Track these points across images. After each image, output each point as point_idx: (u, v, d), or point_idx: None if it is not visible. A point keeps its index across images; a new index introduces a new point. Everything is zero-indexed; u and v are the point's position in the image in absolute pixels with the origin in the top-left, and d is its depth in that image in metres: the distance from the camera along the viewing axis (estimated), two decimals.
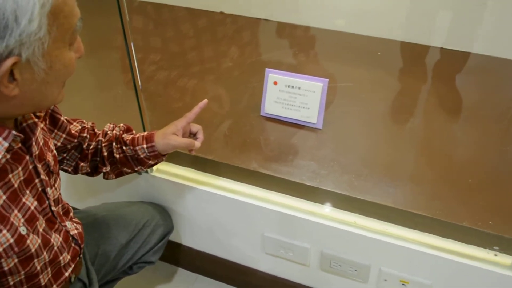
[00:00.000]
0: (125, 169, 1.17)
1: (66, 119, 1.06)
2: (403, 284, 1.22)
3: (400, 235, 1.16)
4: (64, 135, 1.06)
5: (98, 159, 1.15)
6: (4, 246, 0.76)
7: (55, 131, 1.04)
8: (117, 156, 1.13)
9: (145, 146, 1.12)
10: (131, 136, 1.15)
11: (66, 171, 1.15)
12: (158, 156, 1.14)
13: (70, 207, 1.05)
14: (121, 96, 1.63)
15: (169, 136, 1.12)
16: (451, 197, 1.19)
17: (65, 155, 1.11)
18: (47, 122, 1.01)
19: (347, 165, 1.29)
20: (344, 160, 1.31)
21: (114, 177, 1.19)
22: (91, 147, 1.13)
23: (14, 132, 0.76)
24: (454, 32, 1.79)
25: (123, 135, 1.15)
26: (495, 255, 1.11)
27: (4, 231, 0.76)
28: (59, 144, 1.06)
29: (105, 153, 1.13)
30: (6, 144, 0.74)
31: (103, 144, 1.13)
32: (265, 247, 1.36)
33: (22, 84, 0.70)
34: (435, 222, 1.14)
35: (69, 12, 0.71)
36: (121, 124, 1.19)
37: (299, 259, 1.33)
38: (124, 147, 1.13)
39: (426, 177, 1.25)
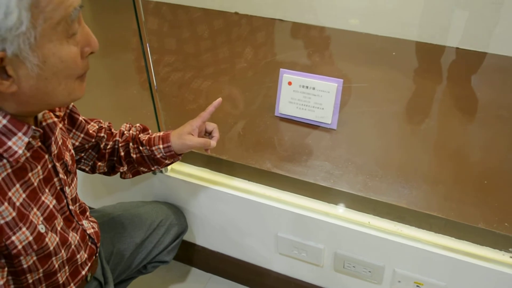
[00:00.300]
0: (142, 168, 1.18)
1: (84, 119, 1.07)
2: (417, 286, 1.22)
3: (414, 236, 1.16)
4: (82, 135, 1.07)
5: (115, 158, 1.16)
6: (24, 243, 0.78)
7: (73, 130, 1.05)
8: (134, 156, 1.14)
9: (161, 146, 1.12)
10: (148, 136, 1.15)
11: (83, 170, 1.16)
12: (174, 156, 1.15)
13: (87, 206, 1.06)
14: (136, 96, 1.65)
15: (184, 136, 1.13)
16: (466, 198, 1.18)
17: (82, 154, 1.12)
18: (66, 122, 1.02)
19: (362, 165, 1.29)
20: (359, 160, 1.31)
21: (131, 176, 1.20)
22: (108, 146, 1.14)
23: (33, 127, 0.76)
24: (470, 32, 1.77)
25: (139, 135, 1.16)
26: (511, 257, 1.10)
27: (24, 229, 0.77)
28: (77, 143, 1.08)
29: (122, 153, 1.14)
30: (26, 139, 0.75)
31: (120, 144, 1.14)
32: (278, 247, 1.36)
33: (19, 81, 0.69)
34: (449, 224, 1.14)
35: (58, 4, 0.67)
36: (138, 124, 1.20)
37: (312, 259, 1.33)
38: (140, 147, 1.14)
39: (441, 178, 1.24)
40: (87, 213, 1.05)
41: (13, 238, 0.75)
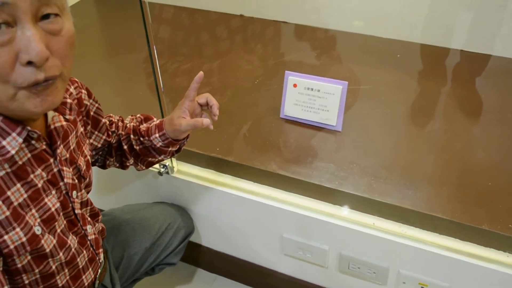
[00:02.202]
0: (150, 159, 1.16)
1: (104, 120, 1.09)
2: (422, 287, 1.22)
3: (419, 238, 1.17)
4: (104, 137, 1.09)
5: (121, 152, 1.16)
6: (16, 244, 0.76)
7: (96, 132, 1.06)
8: (137, 148, 1.13)
9: (157, 135, 1.09)
10: (147, 126, 1.13)
11: (95, 165, 1.16)
12: (173, 143, 1.11)
13: (99, 211, 1.05)
14: (142, 97, 1.65)
15: (174, 122, 1.07)
16: (471, 199, 1.19)
17: (100, 153, 1.13)
18: (90, 125, 1.03)
19: (366, 167, 1.30)
20: (363, 162, 1.31)
21: (144, 168, 1.19)
22: (114, 141, 1.14)
23: (28, 128, 0.76)
24: (475, 34, 1.77)
25: (140, 126, 1.14)
26: None
27: (18, 229, 0.75)
28: (99, 145, 1.09)
29: (125, 146, 1.13)
30: (20, 140, 0.74)
31: (122, 138, 1.13)
32: (284, 248, 1.37)
33: None
34: (454, 225, 1.14)
35: None
36: (138, 115, 1.19)
37: (317, 260, 1.34)
38: (141, 138, 1.12)
39: (445, 180, 1.25)
40: (99, 217, 1.05)
41: (5, 237, 0.74)
